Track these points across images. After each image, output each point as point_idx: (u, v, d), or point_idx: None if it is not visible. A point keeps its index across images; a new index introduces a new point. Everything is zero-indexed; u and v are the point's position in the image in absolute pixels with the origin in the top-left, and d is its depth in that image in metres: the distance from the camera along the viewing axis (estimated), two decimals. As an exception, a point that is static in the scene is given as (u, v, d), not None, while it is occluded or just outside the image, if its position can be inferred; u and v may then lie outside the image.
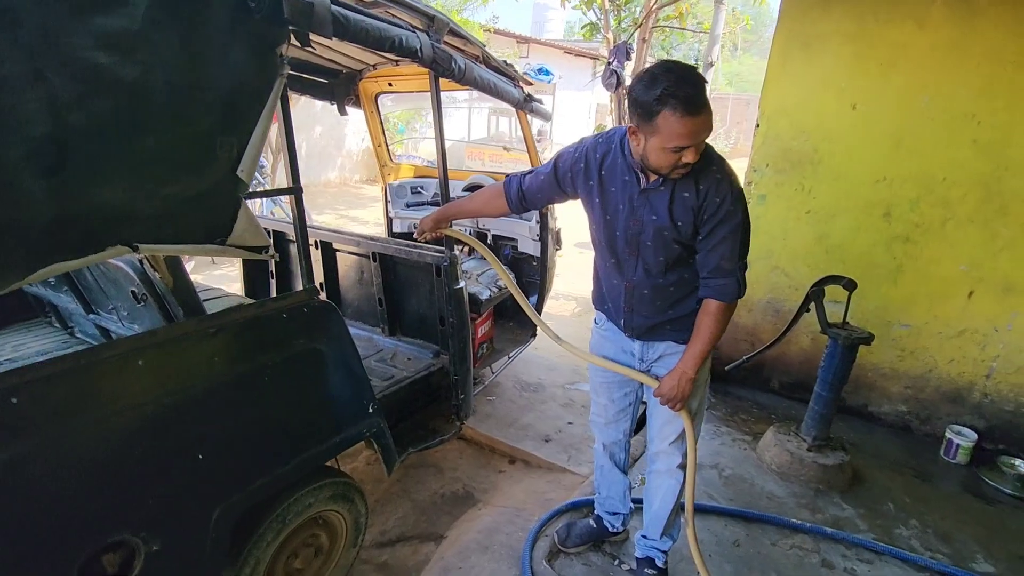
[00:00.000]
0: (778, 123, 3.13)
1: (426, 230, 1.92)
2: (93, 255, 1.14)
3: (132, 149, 1.16)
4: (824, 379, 2.55)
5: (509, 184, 1.78)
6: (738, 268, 1.49)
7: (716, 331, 1.53)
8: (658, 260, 1.54)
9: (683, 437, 1.72)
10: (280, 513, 1.63)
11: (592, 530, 2.10)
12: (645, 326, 1.66)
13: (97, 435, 1.19)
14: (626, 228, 1.54)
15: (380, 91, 3.25)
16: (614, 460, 1.99)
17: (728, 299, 1.49)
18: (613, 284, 1.67)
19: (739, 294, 1.50)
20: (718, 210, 1.42)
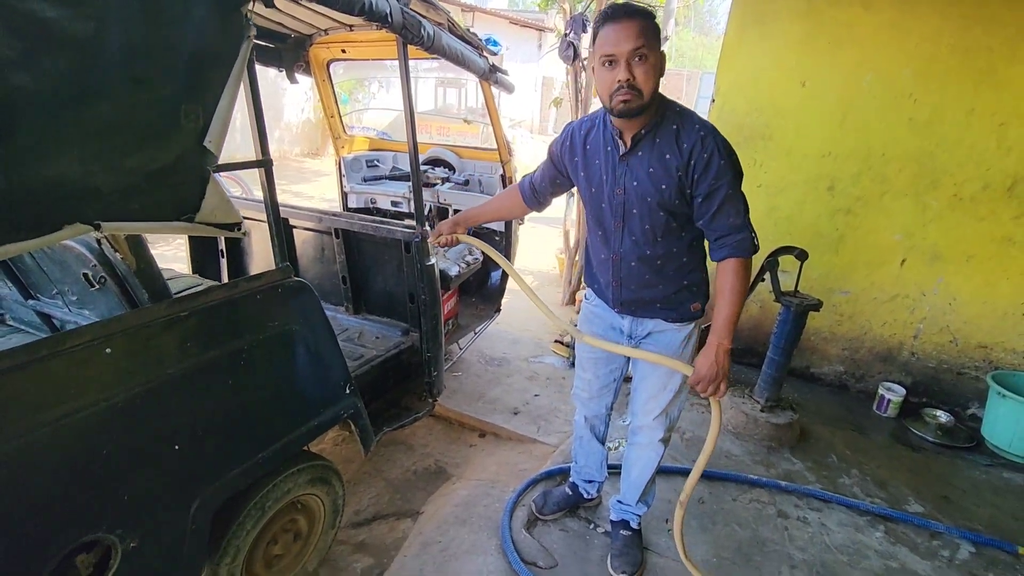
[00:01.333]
0: (733, 98, 3.22)
1: (443, 233, 1.89)
2: (49, 235, 1.03)
3: (88, 115, 1.05)
4: (776, 344, 2.71)
5: (522, 183, 1.84)
6: (748, 222, 1.45)
7: (742, 290, 1.46)
8: (644, 229, 1.52)
9: (667, 412, 1.76)
10: (259, 500, 1.58)
11: (568, 497, 2.16)
12: (633, 300, 1.65)
13: (64, 430, 1.10)
14: (611, 198, 1.54)
15: (332, 58, 3.08)
16: (594, 432, 2.04)
17: (747, 253, 1.45)
18: (602, 259, 1.67)
19: (755, 250, 1.46)
20: (708, 167, 1.37)
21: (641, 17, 1.32)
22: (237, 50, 1.29)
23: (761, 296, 3.29)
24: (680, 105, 1.47)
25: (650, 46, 1.32)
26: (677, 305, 1.61)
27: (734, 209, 1.42)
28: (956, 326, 3.04)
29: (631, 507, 1.96)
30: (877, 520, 2.28)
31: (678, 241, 1.54)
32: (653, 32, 1.33)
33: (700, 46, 24.45)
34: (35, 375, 1.06)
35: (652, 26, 1.33)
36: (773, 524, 2.21)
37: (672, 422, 1.83)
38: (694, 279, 1.61)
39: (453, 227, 1.90)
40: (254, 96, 1.46)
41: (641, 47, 1.31)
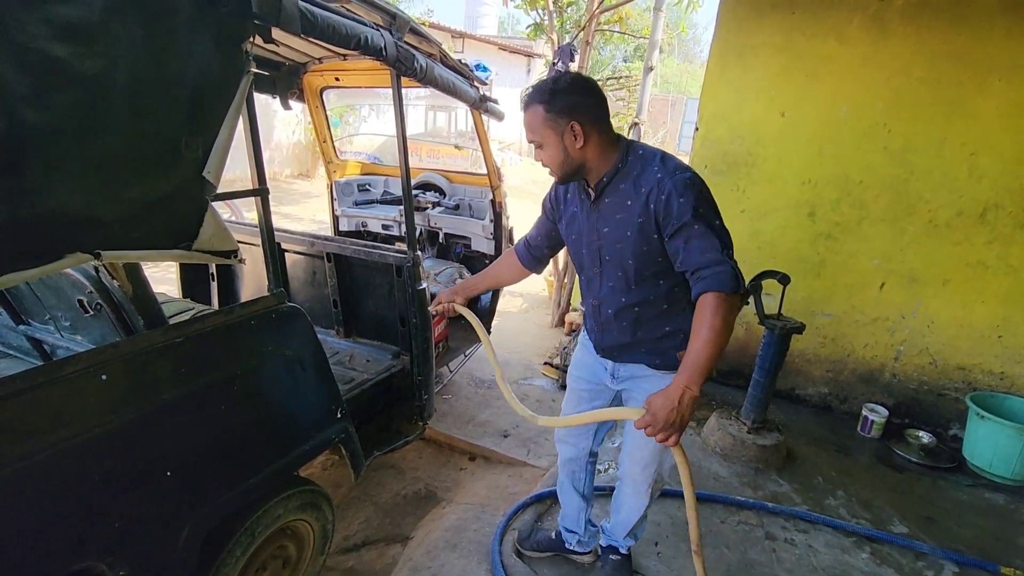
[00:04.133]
0: (716, 127, 3.33)
1: (443, 302, 1.83)
2: (51, 264, 1.05)
3: (93, 149, 1.08)
4: (761, 366, 2.76)
5: (518, 246, 1.82)
6: (727, 257, 1.32)
7: (719, 327, 1.27)
8: (618, 275, 1.51)
9: (655, 463, 1.67)
10: (249, 526, 1.57)
11: (551, 541, 2.08)
12: (614, 347, 1.62)
13: (58, 457, 1.10)
14: (588, 244, 1.55)
15: (326, 85, 3.14)
16: (572, 480, 1.95)
17: (725, 287, 1.28)
18: (588, 303, 1.67)
19: (737, 285, 1.30)
20: (668, 208, 1.34)
21: (533, 107, 1.39)
22: (237, 83, 1.34)
23: (746, 319, 3.35)
24: (646, 147, 1.45)
25: (543, 135, 1.40)
26: (660, 352, 1.54)
27: (708, 244, 1.32)
28: (935, 348, 3.11)
29: (619, 540, 1.94)
30: (863, 541, 2.31)
31: (655, 288, 1.50)
32: (548, 118, 1.37)
33: (684, 73, 25.09)
34: (31, 402, 1.07)
35: (544, 113, 1.37)
36: (761, 546, 2.23)
37: (661, 475, 1.73)
38: (677, 326, 1.52)
39: (452, 296, 1.83)
40: (252, 127, 1.51)
41: (533, 140, 1.43)
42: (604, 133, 1.42)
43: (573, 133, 1.37)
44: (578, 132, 1.37)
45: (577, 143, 1.38)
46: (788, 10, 3.04)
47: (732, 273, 1.30)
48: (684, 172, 1.36)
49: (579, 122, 1.36)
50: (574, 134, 1.37)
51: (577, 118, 1.36)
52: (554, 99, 1.37)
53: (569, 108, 1.36)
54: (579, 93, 1.38)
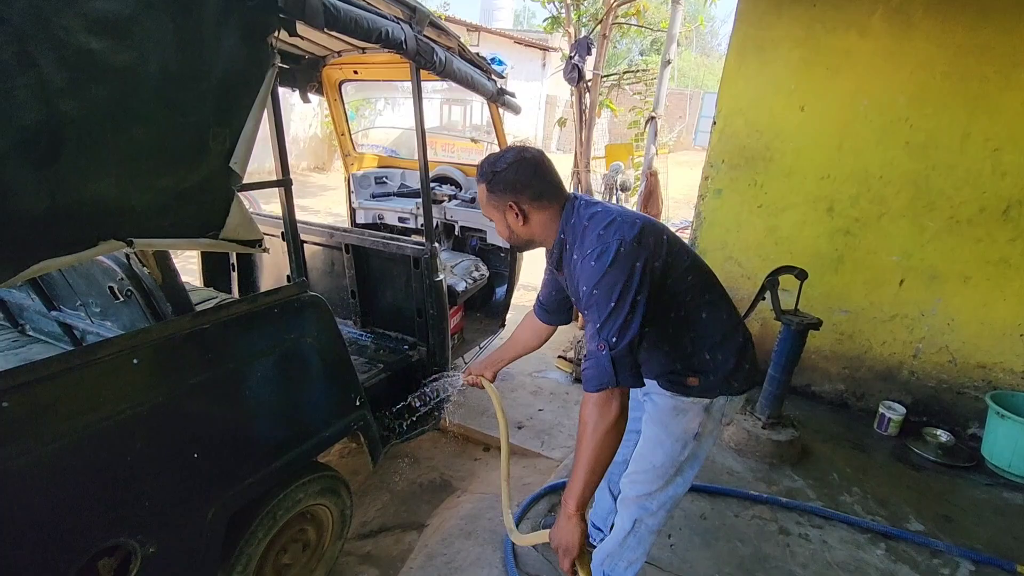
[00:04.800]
0: (734, 121, 3.31)
1: (473, 373, 1.85)
2: (86, 251, 1.09)
3: (126, 139, 1.12)
4: (777, 362, 2.75)
5: (534, 307, 1.82)
6: (599, 347, 1.21)
7: (585, 439, 1.20)
8: None
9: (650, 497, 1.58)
10: (271, 510, 1.61)
11: None
12: None
13: (92, 437, 1.15)
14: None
15: (344, 79, 3.17)
16: (608, 480, 1.93)
17: (588, 386, 1.21)
18: None
19: (601, 380, 1.19)
20: (577, 290, 1.34)
21: (480, 185, 1.42)
22: (263, 76, 1.37)
23: (762, 314, 3.33)
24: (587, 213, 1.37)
25: (489, 212, 1.44)
26: (671, 375, 1.49)
27: (591, 329, 1.26)
28: (955, 346, 3.08)
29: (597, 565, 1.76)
30: (878, 538, 2.30)
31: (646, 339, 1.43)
32: (491, 198, 1.40)
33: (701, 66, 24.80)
34: (67, 384, 1.12)
35: (487, 192, 1.40)
36: (775, 541, 2.23)
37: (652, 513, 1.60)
38: (690, 362, 1.46)
39: (482, 370, 1.84)
40: (276, 120, 1.53)
41: (485, 214, 1.46)
42: (547, 208, 1.40)
43: (513, 212, 1.39)
44: (517, 211, 1.38)
45: (519, 221, 1.40)
46: (809, 2, 3.01)
47: (596, 369, 1.21)
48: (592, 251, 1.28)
49: (517, 202, 1.38)
50: (514, 212, 1.39)
51: (516, 198, 1.37)
52: (495, 180, 1.38)
53: (508, 188, 1.38)
54: (518, 173, 1.37)
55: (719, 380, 1.46)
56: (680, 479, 1.58)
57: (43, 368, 1.07)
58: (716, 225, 3.50)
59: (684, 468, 1.56)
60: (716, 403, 1.50)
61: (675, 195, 7.36)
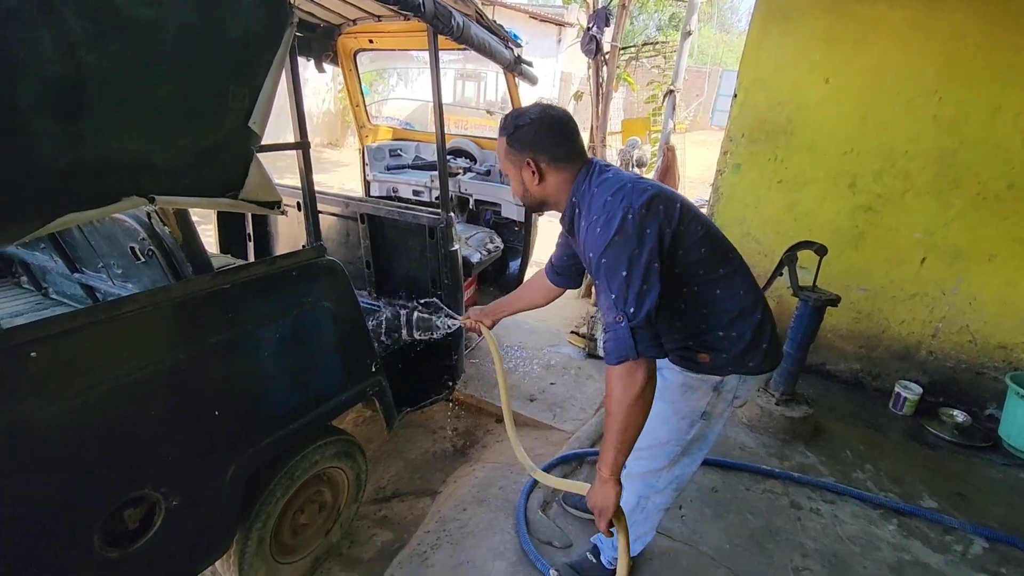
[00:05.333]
0: (755, 94, 3.23)
1: (472, 318, 1.87)
2: (108, 206, 1.10)
3: (148, 95, 1.12)
4: (793, 339, 2.72)
5: (546, 266, 1.79)
6: (617, 319, 1.19)
7: (613, 410, 1.20)
8: None
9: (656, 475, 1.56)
10: (289, 470, 1.64)
11: None
12: None
13: (116, 391, 1.17)
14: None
15: (360, 48, 3.14)
16: None
17: (609, 359, 1.20)
18: None
19: (621, 352, 1.17)
20: (585, 257, 1.32)
21: (500, 137, 1.41)
22: (281, 36, 1.35)
23: (779, 291, 3.30)
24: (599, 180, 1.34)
25: (505, 167, 1.43)
26: (682, 351, 1.44)
27: (606, 301, 1.23)
28: (976, 326, 3.02)
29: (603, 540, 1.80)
30: (890, 514, 2.30)
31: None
32: (509, 152, 1.39)
33: (721, 43, 24.18)
34: (93, 338, 1.14)
35: (507, 146, 1.39)
36: (786, 514, 2.24)
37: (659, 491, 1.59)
38: (702, 339, 1.41)
39: (482, 316, 1.86)
40: (295, 81, 1.52)
41: (502, 169, 1.45)
42: (564, 171, 1.37)
43: (530, 169, 1.37)
44: (534, 169, 1.37)
45: (535, 180, 1.38)
46: (837, -31, 2.91)
47: (616, 342, 1.19)
48: (598, 216, 1.26)
49: (536, 160, 1.36)
50: (531, 170, 1.37)
51: (534, 156, 1.35)
52: (515, 134, 1.36)
53: (528, 144, 1.35)
54: (540, 130, 1.35)
55: (732, 358, 1.40)
56: (687, 459, 1.54)
57: (69, 321, 1.09)
58: (734, 200, 3.45)
59: (691, 448, 1.52)
60: (727, 382, 1.44)
61: (691, 174, 7.25)
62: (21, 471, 1.05)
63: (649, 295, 1.19)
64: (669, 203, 1.30)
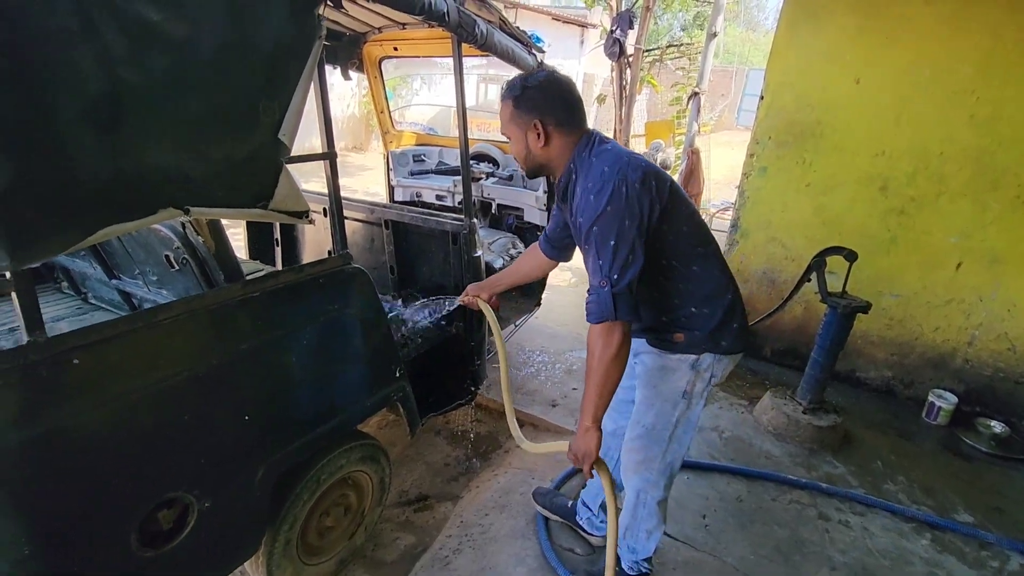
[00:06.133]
0: (782, 95, 3.18)
1: (470, 294, 1.94)
2: (146, 217, 1.13)
3: (183, 109, 1.16)
4: (821, 346, 2.67)
5: (539, 239, 1.85)
6: (605, 282, 1.29)
7: (593, 365, 1.32)
8: None
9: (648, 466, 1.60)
10: (315, 474, 1.67)
11: (564, 510, 2.09)
12: None
13: (151, 396, 1.21)
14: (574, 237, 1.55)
15: (384, 55, 3.18)
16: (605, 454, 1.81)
17: (591, 318, 1.31)
18: None
19: (602, 314, 1.29)
20: (575, 221, 1.37)
21: (505, 101, 1.44)
22: (310, 49, 1.38)
23: (806, 297, 3.23)
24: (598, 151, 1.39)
25: (510, 130, 1.45)
26: (657, 332, 1.52)
27: (593, 265, 1.33)
28: (1015, 333, 2.92)
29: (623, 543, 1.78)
30: (923, 527, 2.23)
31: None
32: (515, 114, 1.42)
33: (746, 41, 23.79)
34: (131, 345, 1.18)
35: (513, 108, 1.42)
36: (813, 525, 2.20)
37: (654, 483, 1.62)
38: (676, 316, 1.48)
39: (478, 291, 1.93)
40: (322, 92, 1.55)
41: (504, 133, 1.48)
42: (568, 135, 1.42)
43: (536, 132, 1.40)
44: (540, 132, 1.40)
45: (539, 143, 1.42)
46: (868, -33, 2.84)
47: (598, 304, 1.30)
48: (593, 184, 1.32)
49: (542, 122, 1.39)
50: (536, 133, 1.40)
51: (541, 118, 1.39)
52: (522, 96, 1.40)
53: (535, 107, 1.39)
54: (548, 93, 1.40)
55: (704, 336, 1.47)
56: (676, 445, 1.59)
57: (110, 329, 1.13)
58: (760, 204, 3.39)
59: (677, 431, 1.57)
60: (703, 360, 1.50)
61: (716, 176, 7.14)
62: (65, 474, 1.09)
63: (633, 265, 1.29)
64: (660, 181, 1.38)
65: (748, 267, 3.53)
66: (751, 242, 3.49)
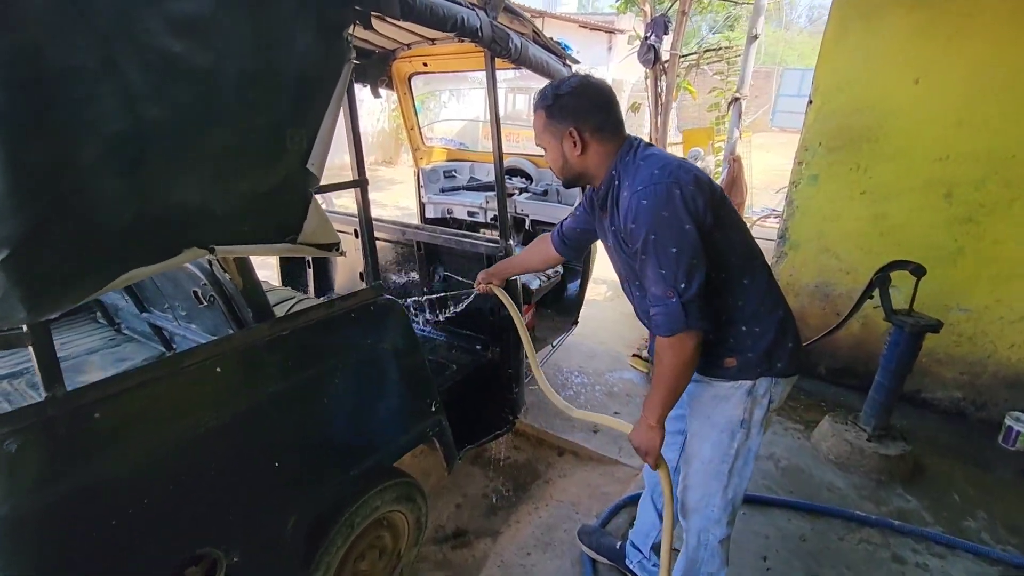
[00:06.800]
0: (834, 99, 2.99)
1: (481, 282, 1.93)
2: (170, 259, 1.07)
3: (207, 143, 1.09)
4: (887, 367, 2.46)
5: (553, 231, 1.78)
6: (672, 293, 1.22)
7: (664, 373, 1.28)
8: (634, 295, 1.47)
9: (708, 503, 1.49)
10: (349, 517, 1.58)
11: (613, 551, 1.97)
12: None
13: (178, 447, 1.14)
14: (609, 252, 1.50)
15: (414, 71, 3.13)
16: (652, 493, 1.82)
17: (660, 331, 1.25)
18: None
19: (672, 326, 1.23)
20: (626, 229, 1.29)
21: (537, 111, 1.38)
22: (339, 72, 1.31)
23: (864, 312, 3.00)
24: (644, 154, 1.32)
25: (544, 140, 1.39)
26: (705, 357, 1.37)
27: (655, 276, 1.24)
28: (1104, 351, 2.65)
29: None
30: (1011, 571, 2.01)
31: None
32: (548, 124, 1.36)
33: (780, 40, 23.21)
34: (154, 394, 1.11)
35: (546, 118, 1.36)
36: (887, 569, 2.00)
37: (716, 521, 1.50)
38: (725, 335, 1.37)
39: (489, 277, 1.91)
40: (352, 118, 1.48)
41: (538, 144, 1.43)
42: (607, 142, 1.35)
43: (572, 140, 1.34)
44: (576, 140, 1.33)
45: (576, 151, 1.35)
46: (926, -40, 2.65)
47: (667, 316, 1.24)
48: (644, 188, 1.24)
49: (578, 129, 1.33)
50: (572, 141, 1.34)
51: (576, 125, 1.33)
52: (556, 104, 1.34)
53: (569, 114, 1.33)
54: (582, 99, 1.33)
55: (758, 358, 1.36)
56: (737, 478, 1.47)
57: (131, 379, 1.06)
58: (811, 214, 3.19)
59: (737, 464, 1.45)
60: (759, 385, 1.38)
61: (755, 181, 6.90)
62: (88, 534, 1.02)
63: (698, 270, 1.22)
64: (712, 185, 1.32)
65: (799, 280, 3.32)
66: (801, 254, 3.28)
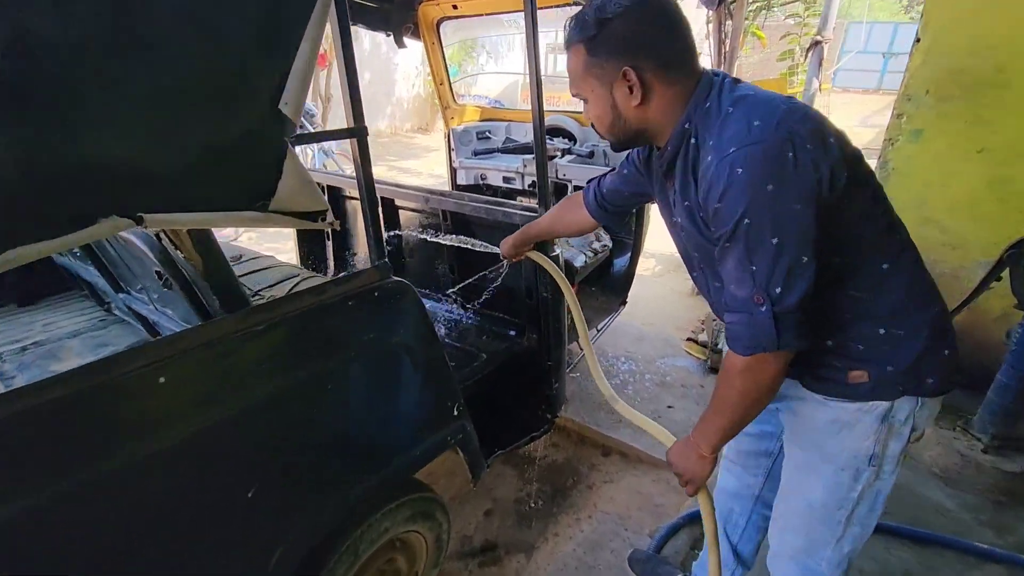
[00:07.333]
0: (948, 36, 2.44)
1: (506, 255, 1.67)
2: (74, 234, 0.77)
3: (135, 77, 0.78)
4: (1014, 365, 2.02)
5: (586, 189, 1.43)
6: (756, 299, 0.88)
7: (730, 398, 0.96)
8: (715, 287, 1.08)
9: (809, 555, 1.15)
10: (351, 544, 1.31)
11: None
12: None
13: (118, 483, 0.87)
14: (674, 232, 1.14)
15: (443, 16, 2.75)
16: (725, 523, 1.46)
17: (735, 345, 0.92)
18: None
19: (756, 343, 0.89)
20: (707, 205, 0.92)
21: (574, 46, 0.98)
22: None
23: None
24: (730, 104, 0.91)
25: (586, 87, 1.00)
26: (819, 367, 1.02)
27: (742, 273, 0.89)
28: None
29: None
30: None
31: None
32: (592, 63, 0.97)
33: (845, -8, 21.30)
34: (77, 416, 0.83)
35: (587, 56, 0.96)
36: (1017, 620, 1.60)
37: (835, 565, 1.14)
38: (844, 339, 0.99)
39: (515, 247, 1.64)
40: (346, 54, 1.13)
41: (576, 93, 1.04)
42: (676, 83, 0.95)
43: (627, 85, 0.95)
44: (634, 83, 0.94)
45: (633, 99, 0.96)
46: None
47: (750, 328, 0.89)
48: (739, 150, 0.85)
49: (636, 68, 0.93)
50: (628, 86, 0.95)
51: (633, 63, 0.93)
52: (601, 35, 0.93)
53: (623, 47, 0.93)
54: (640, 23, 0.92)
55: (900, 372, 0.97)
56: (856, 528, 1.09)
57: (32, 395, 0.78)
58: (911, 177, 2.67)
59: (859, 510, 1.08)
60: (899, 408, 0.99)
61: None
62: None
63: (805, 273, 0.87)
64: (838, 134, 0.92)
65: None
66: (894, 226, 2.78)
